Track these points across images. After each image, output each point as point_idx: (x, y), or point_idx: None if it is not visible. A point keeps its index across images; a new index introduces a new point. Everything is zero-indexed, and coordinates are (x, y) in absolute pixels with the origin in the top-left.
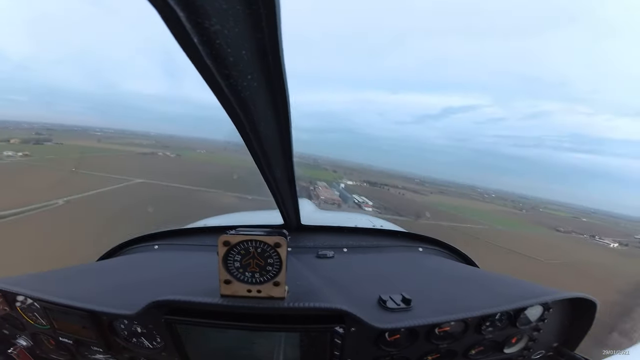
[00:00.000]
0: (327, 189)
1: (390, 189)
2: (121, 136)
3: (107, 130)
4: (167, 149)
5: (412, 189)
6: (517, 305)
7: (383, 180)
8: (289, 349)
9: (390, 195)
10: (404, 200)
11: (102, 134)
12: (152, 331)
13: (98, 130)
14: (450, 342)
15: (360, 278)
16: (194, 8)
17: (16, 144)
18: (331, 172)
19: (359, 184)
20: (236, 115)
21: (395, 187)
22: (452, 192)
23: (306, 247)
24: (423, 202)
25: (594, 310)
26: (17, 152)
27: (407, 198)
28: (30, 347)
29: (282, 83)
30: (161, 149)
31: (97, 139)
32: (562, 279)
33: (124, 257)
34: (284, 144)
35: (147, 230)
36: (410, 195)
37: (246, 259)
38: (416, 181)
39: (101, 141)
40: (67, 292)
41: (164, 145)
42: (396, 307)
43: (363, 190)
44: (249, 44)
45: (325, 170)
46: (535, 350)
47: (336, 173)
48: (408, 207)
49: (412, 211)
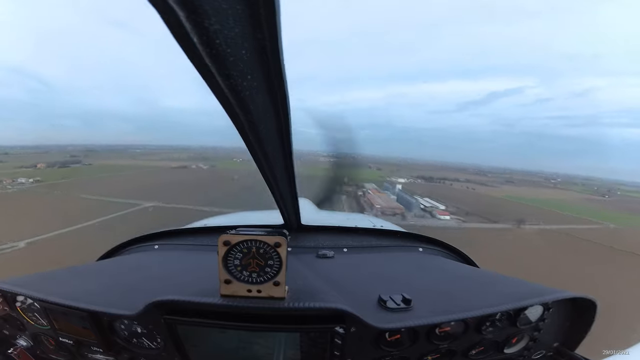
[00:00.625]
0: (380, 192)
1: (453, 184)
2: (161, 151)
3: (148, 146)
4: (204, 161)
5: (477, 181)
6: (518, 305)
7: (437, 173)
8: (289, 349)
9: (457, 191)
10: (477, 197)
11: (141, 151)
12: (152, 331)
13: (140, 147)
14: (450, 342)
15: (360, 278)
16: (194, 7)
17: (41, 168)
18: (375, 171)
19: (412, 180)
20: (236, 115)
21: (455, 180)
22: (520, 180)
23: (306, 247)
24: (500, 196)
25: (595, 310)
26: (30, 177)
27: (480, 193)
28: (31, 348)
29: (281, 83)
30: (197, 161)
31: (131, 156)
32: None
33: (124, 257)
34: (284, 144)
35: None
36: (481, 189)
37: (246, 258)
38: (471, 171)
39: (136, 158)
40: (68, 292)
41: (203, 157)
42: (396, 307)
43: (421, 188)
44: (249, 44)
45: (369, 168)
46: (535, 350)
47: (381, 171)
48: (493, 207)
49: (504, 213)
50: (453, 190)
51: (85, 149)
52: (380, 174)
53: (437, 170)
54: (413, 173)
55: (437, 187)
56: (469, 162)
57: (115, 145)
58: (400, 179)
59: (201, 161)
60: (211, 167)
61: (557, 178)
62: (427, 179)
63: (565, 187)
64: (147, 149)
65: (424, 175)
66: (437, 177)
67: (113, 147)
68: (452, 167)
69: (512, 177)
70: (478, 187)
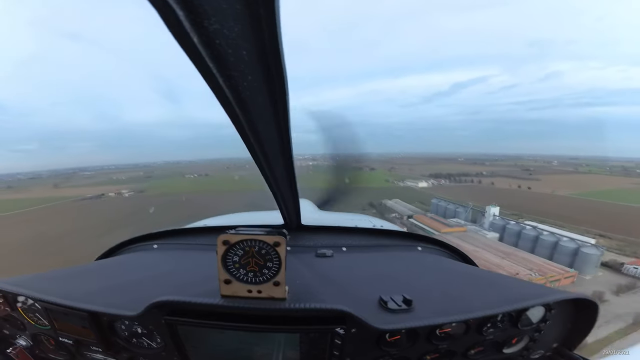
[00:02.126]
0: (440, 220)
1: (483, 181)
2: (115, 171)
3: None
4: (139, 183)
5: (500, 173)
6: (520, 306)
7: (438, 168)
8: (289, 349)
9: (510, 193)
10: (552, 200)
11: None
12: (152, 331)
13: (92, 169)
14: (450, 342)
15: (360, 277)
16: (193, 7)
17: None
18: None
19: (434, 182)
20: (235, 115)
21: (479, 175)
22: (538, 168)
23: (305, 246)
24: (564, 193)
25: (596, 311)
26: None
27: (541, 193)
28: (30, 347)
29: (282, 83)
30: (131, 183)
31: (54, 184)
32: None
33: (124, 257)
34: (284, 144)
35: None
36: (523, 185)
37: (245, 258)
38: (465, 161)
39: (59, 186)
40: (68, 292)
41: (146, 176)
42: (397, 308)
43: (453, 193)
44: (249, 44)
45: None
46: (534, 350)
47: (393, 171)
48: (592, 215)
49: (617, 223)
50: (502, 192)
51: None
52: (385, 177)
53: (430, 163)
54: (417, 171)
55: (472, 188)
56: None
57: (63, 170)
58: (421, 183)
59: (137, 183)
60: (137, 194)
61: (553, 161)
62: (446, 177)
63: (583, 170)
64: (102, 170)
65: (438, 172)
66: (455, 173)
67: (58, 171)
68: (443, 158)
69: (525, 165)
70: (514, 182)
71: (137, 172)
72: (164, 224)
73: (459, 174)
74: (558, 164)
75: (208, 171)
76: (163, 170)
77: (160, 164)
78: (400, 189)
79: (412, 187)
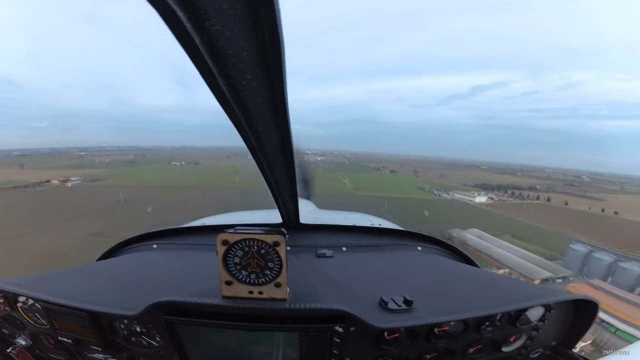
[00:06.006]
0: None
1: (539, 196)
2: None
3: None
4: (116, 167)
5: (559, 189)
6: (520, 307)
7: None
8: (288, 348)
9: (576, 213)
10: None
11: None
12: (151, 331)
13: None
14: (449, 341)
15: (360, 277)
16: (194, 8)
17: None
18: (412, 177)
19: (492, 198)
20: (235, 115)
21: (532, 189)
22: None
23: (305, 245)
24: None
25: (595, 311)
26: None
27: (617, 217)
28: (30, 347)
29: (281, 83)
30: (102, 168)
31: (20, 165)
32: None
33: (124, 257)
34: (284, 143)
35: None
36: (595, 207)
37: (246, 258)
38: (489, 169)
39: (25, 167)
40: (68, 292)
41: (131, 161)
42: (398, 308)
43: (520, 212)
44: (250, 44)
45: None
46: (533, 349)
47: (420, 176)
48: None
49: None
50: (586, 217)
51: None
52: (416, 183)
53: (451, 168)
54: (451, 178)
55: (548, 209)
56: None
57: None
58: (478, 197)
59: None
60: (85, 183)
61: (582, 175)
62: (497, 188)
63: (633, 190)
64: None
65: (484, 183)
66: (505, 185)
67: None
68: (464, 164)
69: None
70: (579, 201)
71: (125, 156)
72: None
73: (509, 186)
74: (590, 180)
75: (200, 159)
76: (158, 154)
77: (166, 148)
78: (448, 202)
79: (465, 202)
